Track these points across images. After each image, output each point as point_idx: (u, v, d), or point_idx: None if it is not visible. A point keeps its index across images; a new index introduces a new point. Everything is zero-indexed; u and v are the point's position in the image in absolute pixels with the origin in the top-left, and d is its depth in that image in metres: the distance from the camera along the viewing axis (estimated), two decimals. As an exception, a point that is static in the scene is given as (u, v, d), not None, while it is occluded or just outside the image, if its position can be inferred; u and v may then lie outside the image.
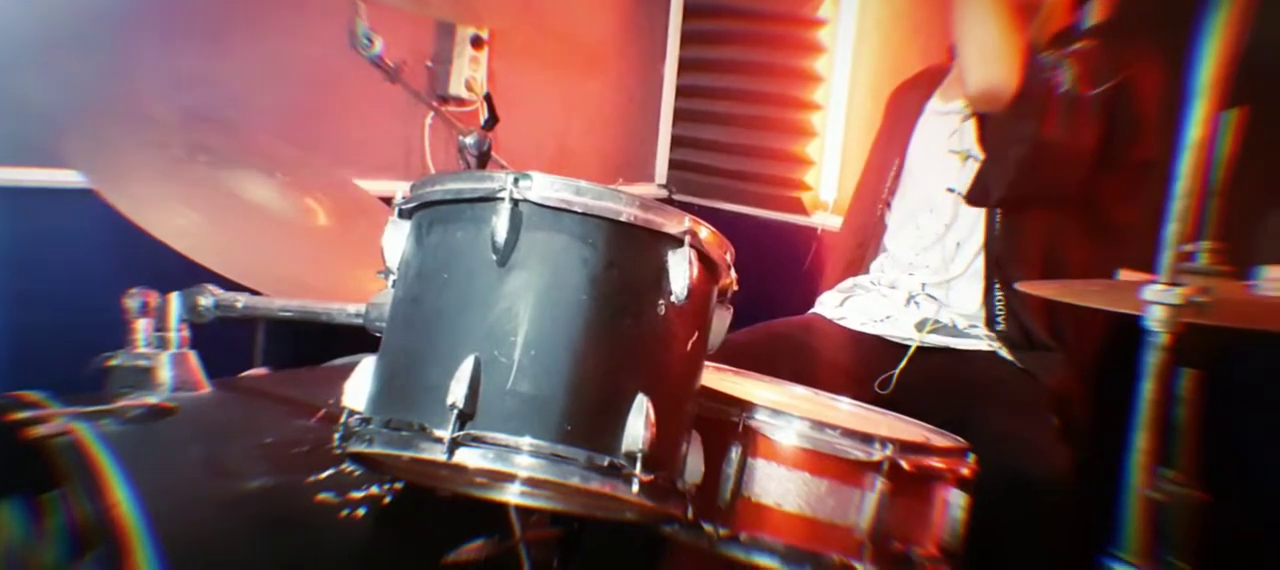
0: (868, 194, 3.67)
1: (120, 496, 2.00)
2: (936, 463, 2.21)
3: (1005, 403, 2.93)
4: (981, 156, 3.17)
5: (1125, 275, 3.23)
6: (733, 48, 5.15)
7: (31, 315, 3.13)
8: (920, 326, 3.25)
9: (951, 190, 3.31)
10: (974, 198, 3.17)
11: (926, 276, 3.34)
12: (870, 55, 4.60)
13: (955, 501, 2.23)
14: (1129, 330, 2.03)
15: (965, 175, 3.24)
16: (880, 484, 2.09)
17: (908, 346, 3.21)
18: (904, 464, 2.10)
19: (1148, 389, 1.89)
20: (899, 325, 3.30)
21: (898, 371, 3.12)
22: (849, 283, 3.56)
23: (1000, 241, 3.17)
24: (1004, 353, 3.15)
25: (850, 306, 3.45)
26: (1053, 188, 3.08)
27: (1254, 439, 3.36)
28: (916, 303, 3.31)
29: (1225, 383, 2.38)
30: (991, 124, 3.10)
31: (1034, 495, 2.62)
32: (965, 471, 2.24)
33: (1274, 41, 2.67)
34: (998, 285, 3.18)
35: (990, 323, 3.19)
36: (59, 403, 2.20)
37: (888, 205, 3.55)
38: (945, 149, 3.36)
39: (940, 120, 3.44)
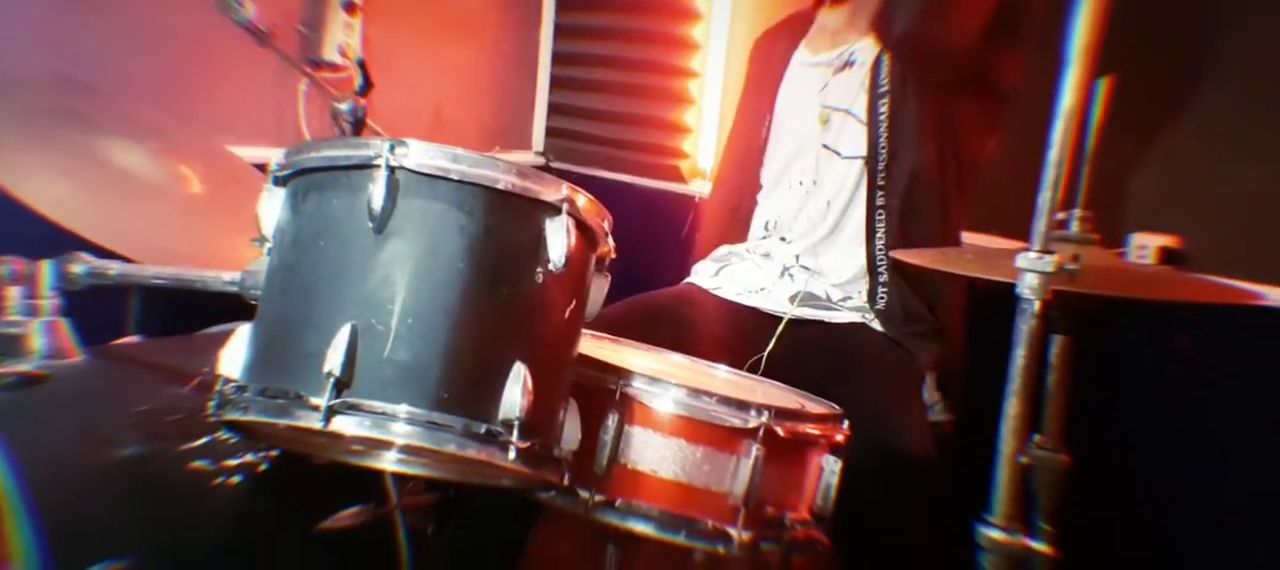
0: (738, 153, 3.67)
1: (-9, 465, 1.98)
2: (811, 429, 2.24)
3: (876, 376, 2.97)
4: (848, 109, 3.21)
5: (968, 239, 3.28)
6: (609, 14, 5.16)
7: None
8: (793, 299, 3.26)
9: (826, 147, 3.33)
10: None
11: (799, 240, 3.35)
12: (746, 21, 4.62)
13: (830, 467, 2.26)
14: (996, 297, 2.06)
15: (834, 133, 3.26)
16: (755, 450, 2.11)
17: (780, 319, 3.23)
18: (779, 430, 2.13)
19: (1019, 356, 1.92)
20: (773, 297, 3.32)
21: (769, 348, 3.14)
22: (724, 251, 3.56)
23: (879, 209, 3.19)
24: (876, 325, 3.18)
25: (725, 276, 3.46)
26: (950, 41, 3.06)
27: (1121, 404, 3.42)
28: (790, 275, 3.33)
29: (1094, 349, 2.42)
30: None
31: (900, 469, 2.65)
32: (840, 438, 2.27)
33: (1140, 9, 2.73)
34: (871, 252, 3.20)
35: (871, 296, 3.22)
36: (-73, 371, 2.17)
37: (760, 164, 3.56)
38: (815, 104, 3.36)
39: (809, 72, 3.44)
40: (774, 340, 3.14)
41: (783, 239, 3.40)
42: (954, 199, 3.20)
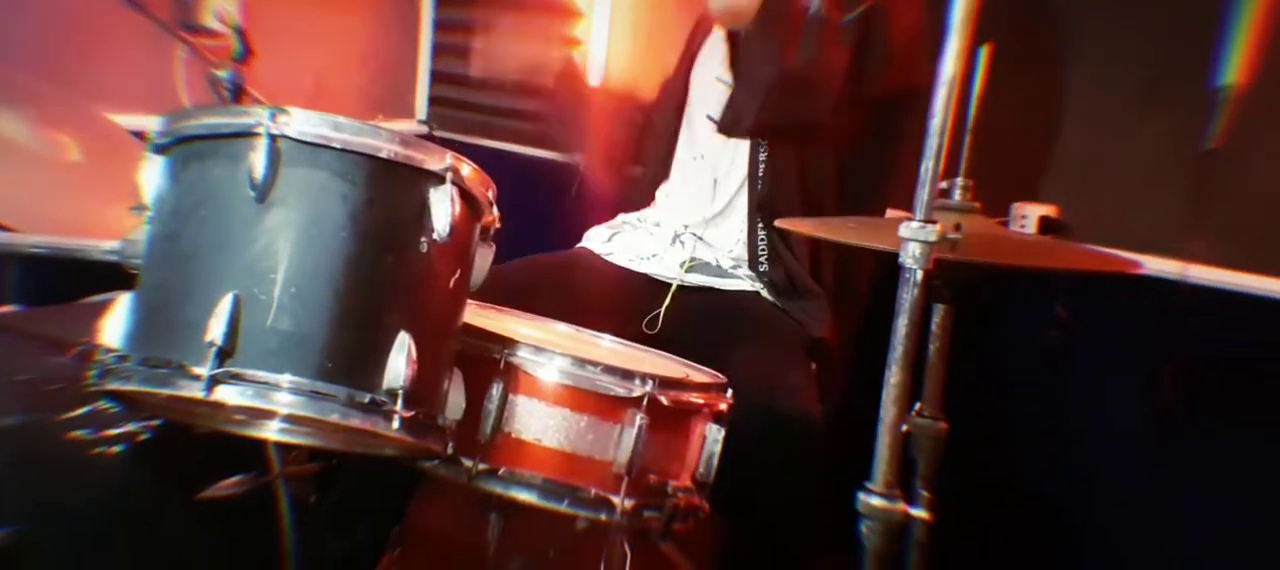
0: (657, 126, 3.65)
1: None
2: (695, 398, 2.26)
3: (763, 343, 2.98)
4: (731, 82, 3.21)
5: (892, 214, 3.31)
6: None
7: None
8: (684, 265, 3.27)
9: (709, 118, 3.33)
10: (725, 125, 3.19)
11: (688, 215, 3.36)
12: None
13: (712, 435, 2.28)
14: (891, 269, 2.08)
15: (719, 105, 3.27)
16: (639, 419, 2.13)
17: (670, 285, 3.24)
18: (663, 399, 2.15)
19: (902, 325, 1.94)
20: (664, 264, 3.32)
21: (662, 311, 3.15)
22: (618, 219, 3.56)
23: (762, 180, 3.20)
24: (766, 294, 3.20)
25: (618, 242, 3.46)
26: (803, 116, 3.06)
27: (1000, 371, 3.47)
28: (681, 242, 3.34)
29: (975, 318, 2.46)
30: (740, 45, 3.13)
31: (786, 437, 2.68)
32: (723, 407, 2.29)
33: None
34: (760, 226, 3.22)
35: (753, 264, 3.23)
36: None
37: (675, 135, 3.54)
38: (713, 76, 3.37)
39: (716, 46, 3.44)
40: (665, 306, 3.15)
41: (670, 206, 3.41)
42: (839, 180, 3.22)
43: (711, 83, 3.36)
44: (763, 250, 3.21)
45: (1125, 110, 3.30)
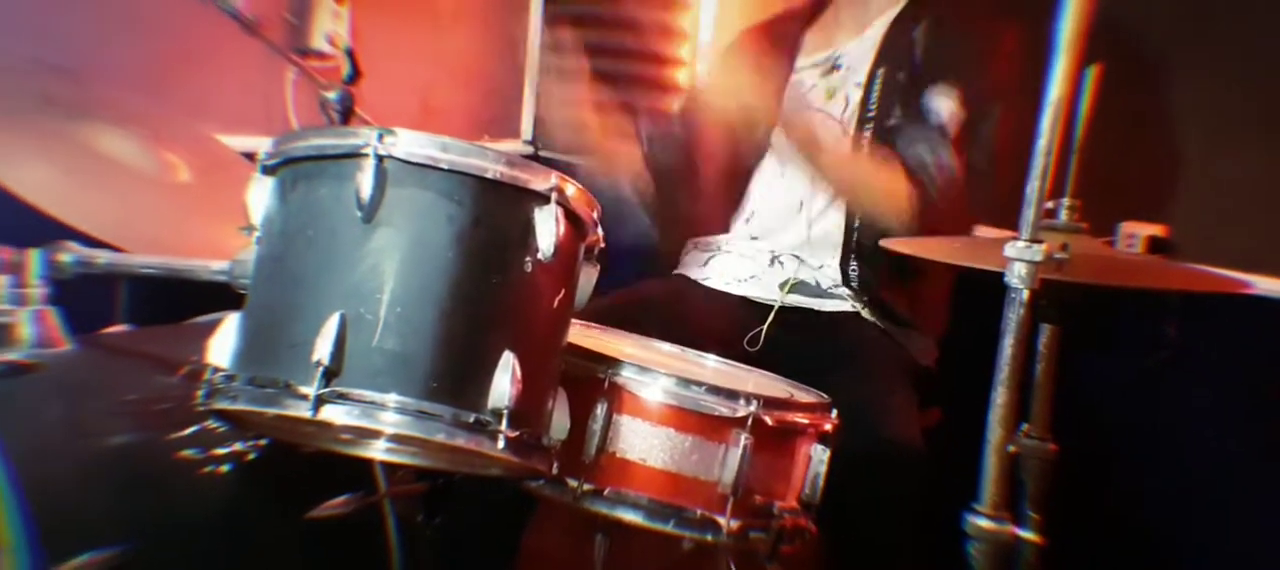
0: (732, 151, 3.63)
1: (-21, 455, 1.98)
2: (800, 418, 2.24)
3: (863, 365, 2.97)
4: (825, 108, 3.25)
5: (981, 231, 3.28)
6: (599, 2, 5.14)
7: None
8: (784, 286, 3.26)
9: None
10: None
11: (779, 238, 3.36)
12: (733, 10, 4.62)
13: (818, 456, 2.27)
14: (985, 288, 2.06)
15: (820, 131, 3.27)
16: (744, 439, 2.11)
17: (772, 307, 3.23)
18: (768, 419, 2.13)
19: (1007, 345, 1.92)
20: (763, 285, 3.31)
21: (764, 329, 3.14)
22: (711, 241, 3.55)
23: (861, 224, 3.20)
24: (867, 314, 3.18)
25: (713, 267, 3.46)
26: (896, 226, 3.10)
27: (1108, 393, 3.43)
28: (780, 262, 3.33)
29: (1082, 338, 2.43)
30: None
31: (886, 458, 2.66)
32: (828, 427, 2.27)
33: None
34: (855, 259, 3.22)
35: (846, 283, 3.22)
36: (-85, 361, 2.16)
37: (755, 161, 3.53)
38: (801, 106, 3.37)
39: (803, 76, 3.44)
40: (766, 327, 3.14)
41: (754, 237, 3.40)
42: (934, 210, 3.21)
43: (800, 109, 3.36)
44: (854, 273, 3.20)
45: (1236, 128, 3.26)
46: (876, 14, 3.34)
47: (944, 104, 3.05)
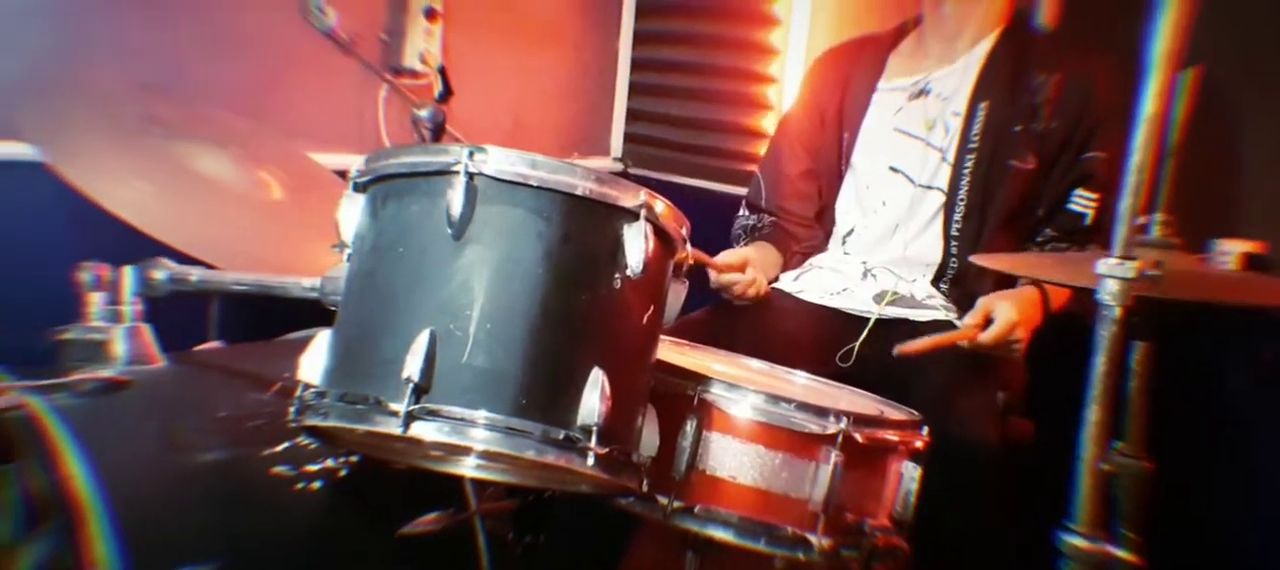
0: (814, 174, 3.63)
1: (75, 470, 1.99)
2: (890, 436, 2.23)
3: (945, 368, 2.94)
4: (924, 136, 3.23)
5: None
6: (688, 20, 5.13)
7: (-16, 289, 3.11)
8: (878, 299, 3.25)
9: (895, 169, 3.34)
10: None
11: (872, 254, 3.35)
12: (824, 27, 4.60)
13: (909, 473, 2.25)
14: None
15: (909, 154, 3.27)
16: (834, 457, 2.10)
17: (865, 319, 3.21)
18: (858, 437, 2.12)
19: (1100, 362, 1.90)
20: (856, 298, 3.30)
21: (858, 344, 3.12)
22: (806, 262, 3.55)
23: (956, 238, 3.20)
24: (959, 322, 3.15)
25: (807, 280, 3.45)
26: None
27: (1203, 410, 3.39)
28: (873, 274, 3.32)
29: (1176, 355, 2.40)
30: None
31: (959, 459, 2.62)
32: (918, 444, 2.26)
33: (1224, 8, 2.69)
34: (950, 276, 3.21)
35: (939, 291, 3.21)
36: (13, 377, 2.19)
37: (837, 185, 3.53)
38: (890, 128, 3.37)
39: (887, 97, 3.44)
40: (860, 340, 3.13)
41: (846, 251, 3.40)
42: (1029, 228, 3.22)
43: (888, 131, 3.36)
44: (946, 288, 3.20)
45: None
46: (967, 45, 3.32)
47: (1081, 201, 3.11)
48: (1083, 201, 3.14)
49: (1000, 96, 3.19)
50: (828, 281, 3.39)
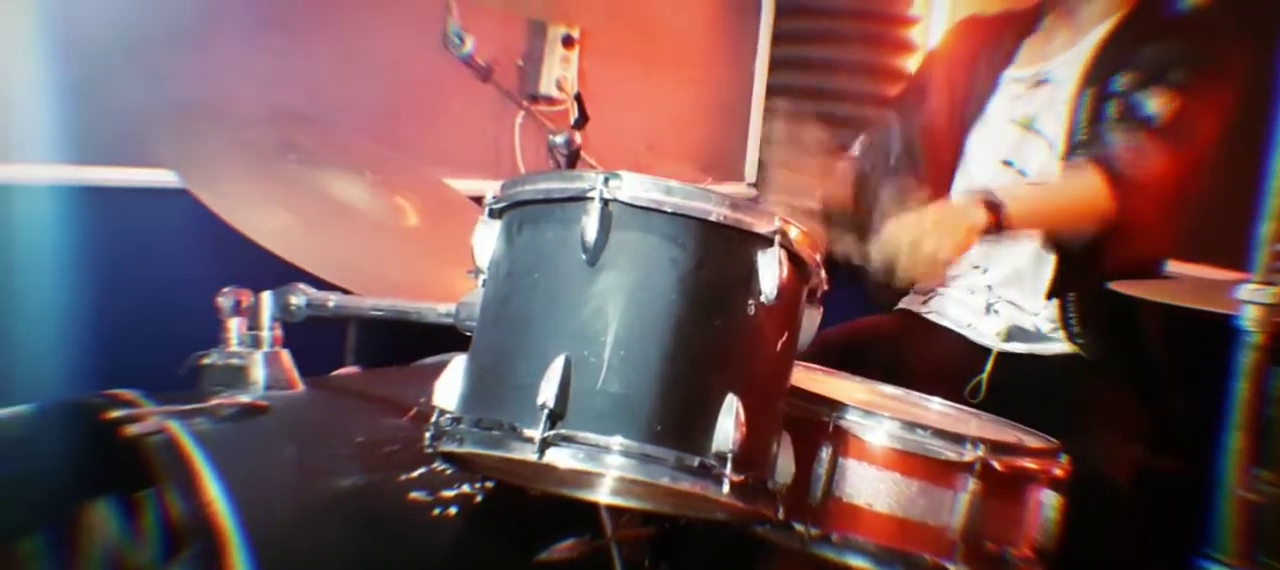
0: (945, 164, 3.51)
1: (214, 495, 2.02)
2: (1029, 463, 2.19)
3: (1070, 404, 2.89)
4: (1038, 129, 3.18)
5: (1173, 267, 3.19)
6: (824, 46, 5.12)
7: (126, 315, 3.16)
8: (1000, 335, 3.19)
9: (1009, 163, 3.27)
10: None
11: (994, 274, 3.28)
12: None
13: (1048, 502, 2.21)
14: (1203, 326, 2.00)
15: (1024, 147, 3.22)
16: (972, 484, 2.07)
17: (989, 350, 3.17)
18: (996, 464, 2.09)
19: (1241, 389, 1.87)
20: (980, 334, 3.25)
21: (985, 378, 3.08)
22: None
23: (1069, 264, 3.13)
24: (1085, 355, 3.10)
25: (935, 304, 3.40)
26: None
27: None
28: (995, 311, 3.26)
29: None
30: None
31: (1105, 503, 2.58)
32: (1058, 472, 2.22)
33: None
34: (1068, 301, 3.14)
35: (1064, 324, 3.14)
36: (153, 401, 2.22)
37: (953, 175, 3.43)
38: (1006, 118, 3.30)
39: (1009, 87, 3.35)
40: (985, 373, 3.09)
41: (975, 266, 3.32)
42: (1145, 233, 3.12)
43: (1001, 124, 3.29)
44: (1072, 313, 3.12)
45: None
46: (1088, 27, 3.23)
47: (1154, 99, 2.94)
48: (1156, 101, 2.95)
49: (1105, 80, 3.10)
50: (953, 312, 3.33)
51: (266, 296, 2.49)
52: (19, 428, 2.40)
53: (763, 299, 1.84)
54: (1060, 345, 3.14)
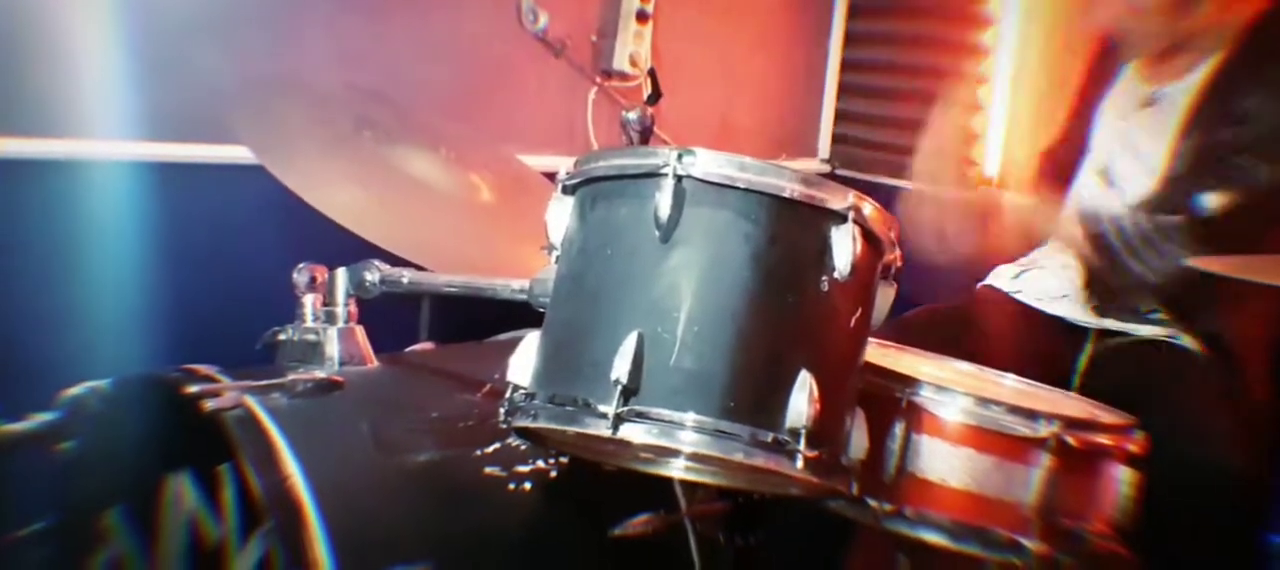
0: (1059, 153, 3.49)
1: (291, 470, 2.04)
2: (1104, 439, 2.18)
3: (1179, 390, 2.84)
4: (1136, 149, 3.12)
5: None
6: (899, 21, 5.10)
7: (203, 291, 3.19)
8: (1098, 310, 3.14)
9: (1109, 180, 3.20)
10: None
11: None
12: (1037, 27, 4.52)
13: (1125, 478, 2.20)
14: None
15: (1116, 164, 3.17)
16: (1046, 460, 2.07)
17: (1084, 330, 3.13)
18: (1071, 440, 2.08)
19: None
20: (1075, 306, 3.20)
21: (1083, 361, 3.05)
22: (1029, 256, 3.43)
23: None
24: (1185, 341, 3.03)
25: (1026, 280, 3.35)
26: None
27: None
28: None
29: None
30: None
31: (1203, 487, 2.54)
32: (1133, 448, 2.21)
33: None
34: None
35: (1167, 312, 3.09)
36: (230, 377, 2.24)
37: (1073, 172, 3.35)
38: (1113, 128, 3.25)
39: (1121, 96, 3.29)
40: (1084, 355, 3.05)
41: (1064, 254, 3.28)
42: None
43: (1110, 133, 3.24)
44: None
45: None
46: (1199, 57, 3.13)
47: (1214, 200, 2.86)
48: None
49: (1206, 125, 2.99)
50: (1048, 284, 3.28)
51: (341, 273, 2.51)
52: (99, 403, 2.43)
53: (836, 275, 1.84)
54: (1157, 328, 3.06)
